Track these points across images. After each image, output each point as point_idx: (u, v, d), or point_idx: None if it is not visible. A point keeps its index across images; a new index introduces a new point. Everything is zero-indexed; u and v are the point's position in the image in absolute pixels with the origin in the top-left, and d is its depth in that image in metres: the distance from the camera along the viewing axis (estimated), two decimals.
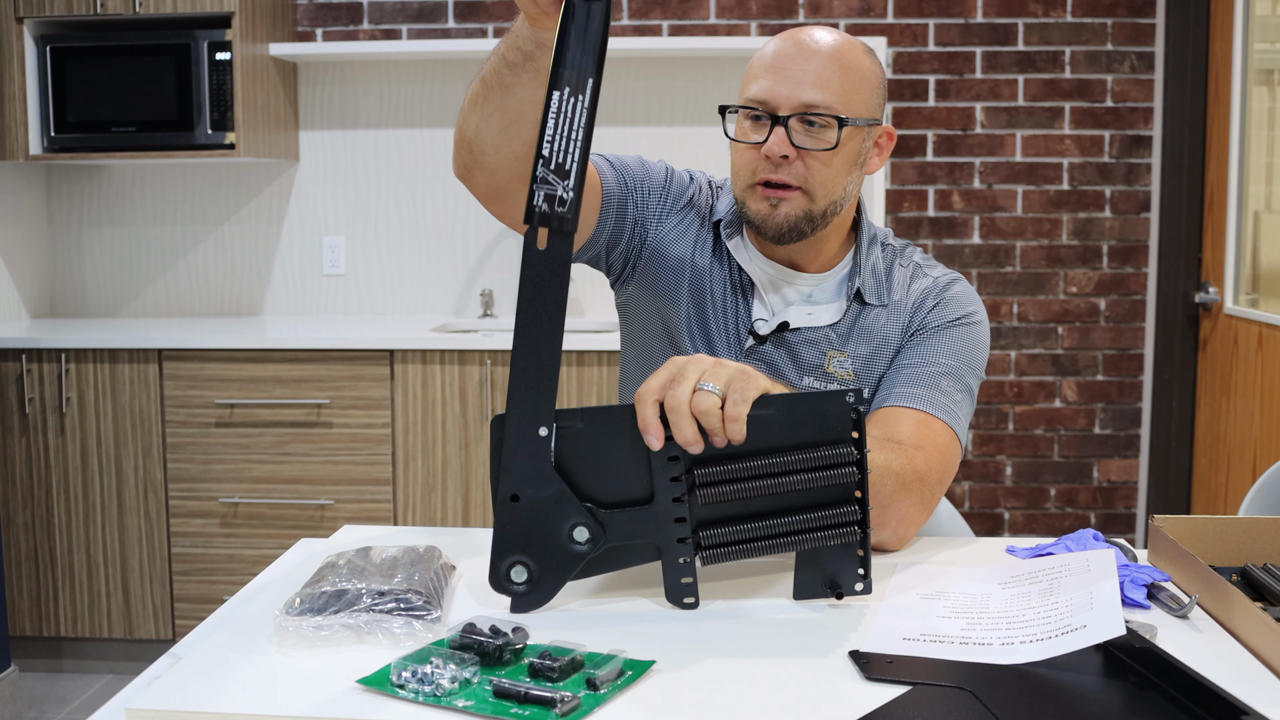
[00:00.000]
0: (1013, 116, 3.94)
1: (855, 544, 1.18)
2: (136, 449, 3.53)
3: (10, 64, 3.65)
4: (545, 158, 1.14)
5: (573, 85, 1.14)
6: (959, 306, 1.63)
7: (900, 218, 3.97)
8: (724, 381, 1.13)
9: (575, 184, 1.14)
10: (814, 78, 1.52)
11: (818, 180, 1.54)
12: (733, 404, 1.12)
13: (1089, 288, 3.98)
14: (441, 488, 3.50)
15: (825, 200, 1.56)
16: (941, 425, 1.51)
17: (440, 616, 1.13)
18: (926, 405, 1.52)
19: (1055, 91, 3.92)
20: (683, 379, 1.13)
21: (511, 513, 1.17)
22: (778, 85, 1.53)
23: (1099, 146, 3.93)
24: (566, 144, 1.14)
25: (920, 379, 1.56)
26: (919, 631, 1.10)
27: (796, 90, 1.52)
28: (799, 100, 1.52)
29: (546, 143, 1.14)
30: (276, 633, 1.10)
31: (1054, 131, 3.93)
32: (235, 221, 4.12)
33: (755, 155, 1.55)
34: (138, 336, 3.53)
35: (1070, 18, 3.89)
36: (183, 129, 3.66)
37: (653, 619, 1.16)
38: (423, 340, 3.46)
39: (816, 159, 1.53)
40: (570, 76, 1.14)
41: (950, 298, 1.64)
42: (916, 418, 1.51)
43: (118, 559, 3.56)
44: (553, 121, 1.14)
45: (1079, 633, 1.02)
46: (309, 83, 4.06)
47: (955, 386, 1.56)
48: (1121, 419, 4.01)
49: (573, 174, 1.14)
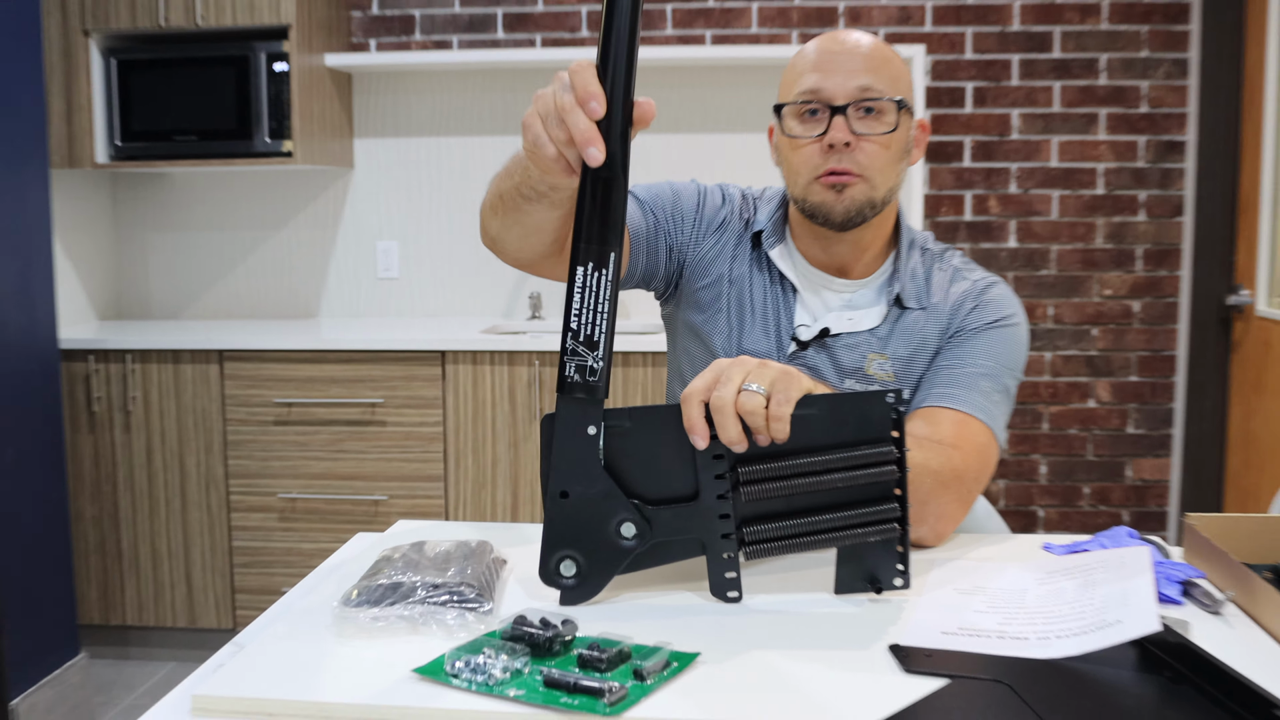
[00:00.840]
0: (1049, 122, 3.91)
1: (895, 540, 1.18)
2: (199, 446, 3.56)
3: (78, 75, 3.69)
4: (574, 330, 1.14)
5: (595, 260, 1.14)
6: (998, 309, 1.62)
7: (938, 222, 3.95)
8: (768, 382, 1.13)
9: (604, 354, 1.14)
10: (864, 65, 1.53)
11: (877, 166, 1.55)
12: (777, 404, 1.12)
13: (1123, 290, 3.94)
14: (491, 484, 3.51)
15: (884, 187, 1.57)
16: (980, 425, 1.50)
17: (492, 609, 1.13)
18: (965, 405, 1.51)
19: (1090, 98, 3.89)
20: (728, 380, 1.13)
21: (561, 509, 1.17)
22: (830, 77, 1.53)
23: (1134, 151, 3.89)
24: (594, 316, 1.14)
25: (959, 379, 1.55)
26: (957, 625, 1.10)
27: (850, 78, 1.52)
28: (854, 86, 1.52)
29: (574, 316, 1.14)
30: (335, 623, 1.11)
31: (1089, 137, 3.90)
32: (292, 226, 4.15)
33: (814, 150, 1.55)
34: (199, 337, 3.56)
35: (1106, 25, 3.86)
36: (242, 137, 3.70)
37: (697, 612, 1.16)
38: (473, 341, 3.47)
39: (876, 144, 1.54)
40: (592, 251, 1.14)
41: (989, 300, 1.62)
42: (955, 417, 1.50)
43: (181, 551, 3.60)
44: (579, 296, 1.14)
45: (1114, 628, 1.01)
46: (363, 92, 4.09)
47: (993, 387, 1.55)
48: (1154, 419, 3.98)
49: (601, 344, 1.14)
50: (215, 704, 0.96)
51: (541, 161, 1.14)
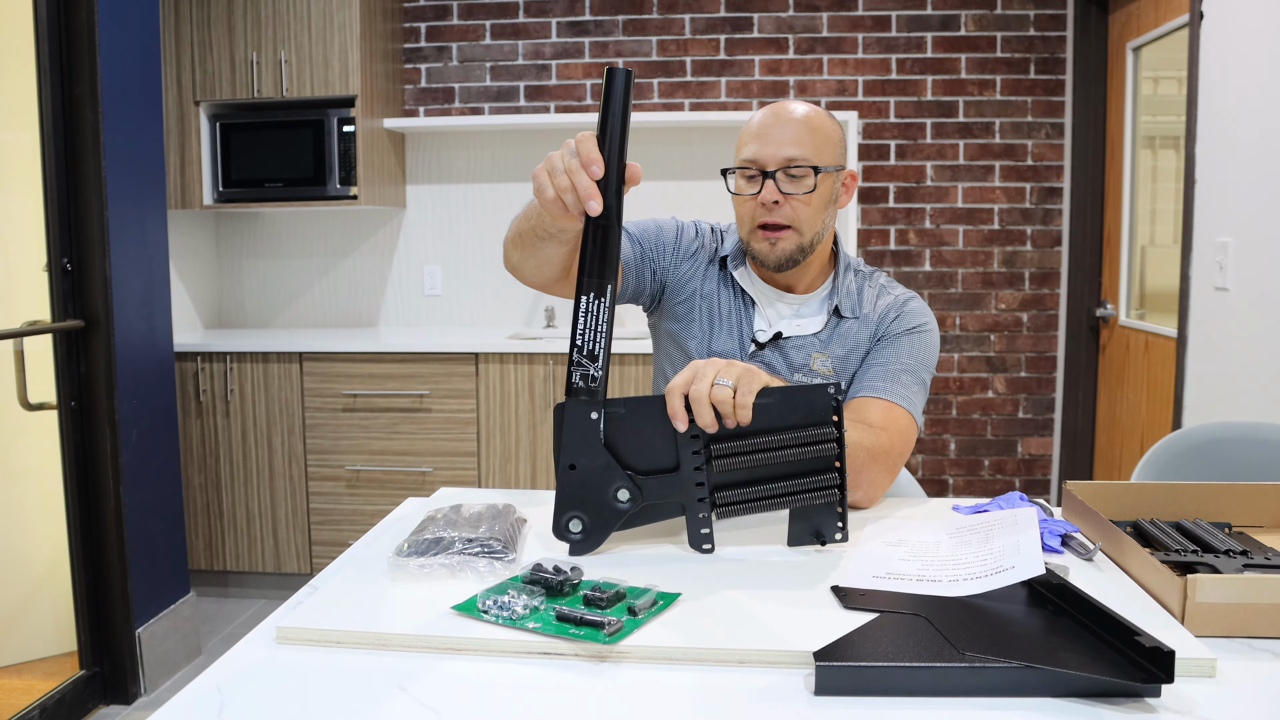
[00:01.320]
0: (955, 172, 3.91)
1: (835, 503, 1.18)
2: (283, 429, 3.55)
3: (190, 136, 3.68)
4: (579, 346, 1.14)
5: (595, 291, 1.14)
6: (915, 318, 1.62)
7: (869, 250, 3.95)
8: (734, 377, 1.13)
9: (604, 364, 1.14)
10: (791, 139, 1.52)
11: (803, 218, 1.54)
12: (742, 394, 1.12)
13: (1014, 305, 3.94)
14: (515, 459, 3.50)
15: (810, 233, 1.56)
16: (902, 411, 1.50)
17: (515, 558, 1.13)
18: (890, 395, 1.51)
19: (987, 153, 3.89)
20: (702, 376, 1.13)
21: (570, 478, 1.17)
22: (763, 148, 1.53)
23: (1022, 195, 3.89)
24: (594, 335, 1.14)
25: (885, 374, 1.55)
26: (885, 571, 1.10)
27: (779, 150, 1.52)
28: (782, 157, 1.52)
29: (579, 335, 1.14)
30: (390, 570, 1.11)
31: (987, 184, 3.90)
32: (357, 254, 4.14)
33: (753, 204, 1.55)
34: (284, 342, 3.55)
35: (999, 96, 3.86)
36: (318, 184, 3.68)
37: (679, 560, 1.16)
38: (500, 345, 3.46)
39: (800, 200, 1.53)
40: (593, 283, 1.14)
41: (907, 311, 1.62)
42: (883, 405, 1.50)
43: (269, 512, 3.58)
44: (583, 319, 1.14)
45: (1009, 572, 1.01)
46: (414, 148, 4.07)
47: (912, 380, 1.55)
48: (1039, 406, 3.98)
49: (600, 357, 1.14)
50: (295, 634, 0.96)
51: (544, 204, 1.15)
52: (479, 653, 0.93)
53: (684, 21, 3.93)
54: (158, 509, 2.95)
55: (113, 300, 2.71)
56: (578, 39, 3.98)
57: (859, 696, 0.84)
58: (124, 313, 2.76)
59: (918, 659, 0.86)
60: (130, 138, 2.80)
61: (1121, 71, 3.55)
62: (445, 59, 4.03)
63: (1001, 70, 3.85)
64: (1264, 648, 0.94)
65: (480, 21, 4.00)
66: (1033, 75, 3.84)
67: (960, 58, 3.86)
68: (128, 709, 2.78)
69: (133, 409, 2.81)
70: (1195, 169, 2.71)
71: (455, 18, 4.01)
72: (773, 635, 0.93)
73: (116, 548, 2.76)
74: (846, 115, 3.70)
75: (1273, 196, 2.38)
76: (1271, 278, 2.39)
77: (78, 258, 2.69)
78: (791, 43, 3.91)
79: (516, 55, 4.00)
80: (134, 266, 2.81)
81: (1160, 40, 3.28)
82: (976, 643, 0.88)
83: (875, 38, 3.88)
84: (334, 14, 3.57)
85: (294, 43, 3.60)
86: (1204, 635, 0.96)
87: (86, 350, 2.72)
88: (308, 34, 3.59)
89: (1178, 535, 1.19)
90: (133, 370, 2.80)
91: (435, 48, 4.03)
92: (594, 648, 0.91)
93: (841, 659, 0.86)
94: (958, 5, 3.84)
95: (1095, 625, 0.91)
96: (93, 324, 2.71)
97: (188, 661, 3.05)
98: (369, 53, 3.67)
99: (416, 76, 4.04)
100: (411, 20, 4.02)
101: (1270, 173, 2.39)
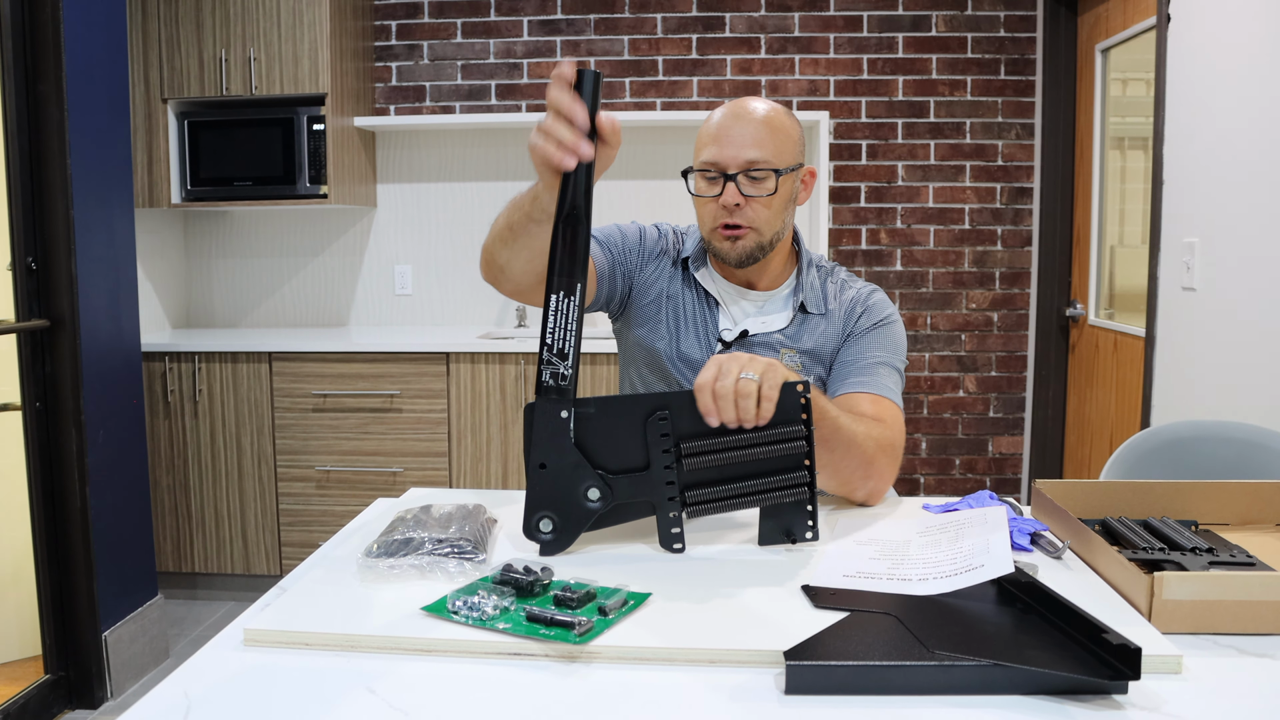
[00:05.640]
0: (926, 172, 3.93)
1: (805, 501, 1.18)
2: (253, 429, 3.52)
3: (157, 134, 3.64)
4: (549, 344, 1.14)
5: (565, 289, 1.14)
6: (879, 311, 1.63)
7: (840, 250, 3.96)
8: (759, 371, 1.13)
9: (573, 361, 1.14)
10: (752, 140, 1.52)
11: (763, 219, 1.55)
12: (768, 388, 1.13)
13: (985, 304, 3.97)
14: (486, 459, 3.49)
15: (770, 233, 1.57)
16: (889, 402, 1.51)
17: (485, 559, 1.13)
18: (875, 389, 1.52)
19: (958, 153, 3.91)
20: (727, 373, 1.13)
21: (540, 478, 1.17)
22: (724, 150, 1.52)
23: (992, 195, 3.92)
24: (564, 333, 1.14)
25: (864, 370, 1.56)
26: (855, 570, 1.10)
27: (740, 152, 1.52)
28: (743, 160, 1.52)
29: (550, 332, 1.14)
30: (359, 571, 1.10)
31: (957, 184, 3.93)
32: (327, 253, 4.11)
33: (714, 205, 1.55)
34: (253, 342, 3.52)
35: (970, 96, 3.89)
36: (287, 183, 3.65)
37: (649, 560, 1.16)
38: (471, 345, 3.45)
39: (760, 203, 1.54)
40: (563, 282, 1.14)
41: (872, 305, 1.64)
42: (871, 399, 1.51)
43: (238, 512, 3.55)
44: (553, 317, 1.14)
45: (978, 570, 1.02)
46: (385, 147, 4.05)
47: (890, 371, 1.56)
48: (1010, 405, 4.01)
49: (570, 355, 1.14)
50: (263, 636, 0.95)
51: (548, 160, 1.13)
52: (449, 654, 0.92)
53: (656, 21, 3.93)
54: (124, 511, 2.92)
55: (79, 299, 2.67)
56: (549, 38, 3.97)
57: (829, 695, 0.84)
58: (90, 312, 2.73)
59: (888, 658, 0.86)
60: (96, 135, 2.77)
61: (1091, 73, 3.59)
62: (416, 57, 4.01)
63: (972, 71, 3.87)
64: (1229, 644, 0.95)
65: (451, 20, 3.99)
66: (1003, 76, 3.86)
67: (931, 58, 3.88)
68: (93, 713, 2.74)
69: (99, 409, 2.77)
70: (1163, 169, 2.73)
71: (426, 16, 3.99)
72: (743, 634, 0.93)
73: (82, 550, 2.73)
74: (818, 115, 3.71)
75: (1239, 197, 2.41)
76: (1238, 278, 2.42)
77: (43, 256, 2.66)
78: (763, 42, 3.92)
79: (488, 54, 3.98)
80: (100, 265, 2.78)
81: (1128, 42, 3.32)
82: (946, 641, 0.89)
83: (847, 38, 3.89)
84: (304, 11, 3.54)
85: (263, 40, 3.57)
86: (1171, 632, 0.97)
87: (52, 350, 2.68)
88: (277, 31, 3.56)
89: (1145, 533, 1.20)
90: (99, 370, 2.77)
91: (406, 46, 4.00)
92: (564, 648, 0.91)
93: (812, 658, 0.86)
94: (929, 6, 3.86)
95: (1064, 623, 0.92)
96: (58, 323, 2.67)
97: (155, 665, 3.02)
98: (339, 51, 3.64)
99: (387, 75, 4.02)
100: (382, 18, 4.00)
101: (1236, 173, 2.41)
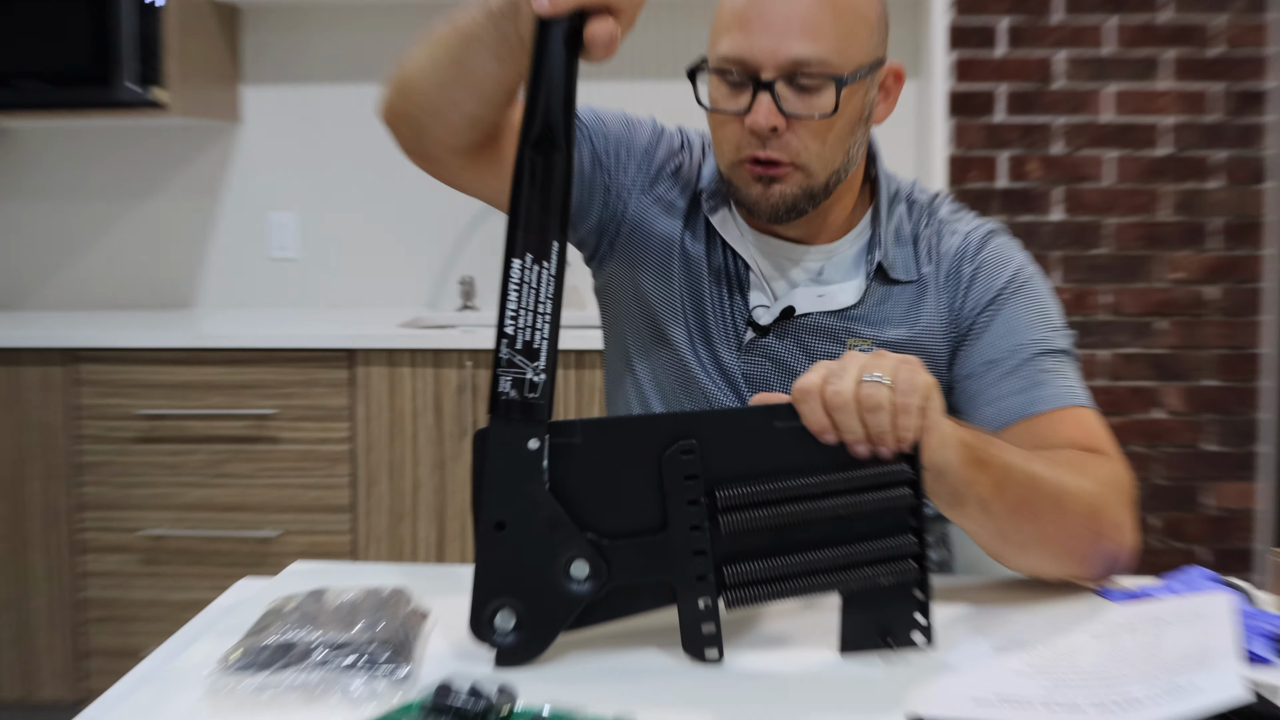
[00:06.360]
0: (1100, 67, 3.93)
1: (913, 583, 1.17)
2: (39, 470, 3.52)
3: None
4: (509, 336, 1.15)
5: (535, 250, 1.15)
6: (1002, 267, 1.60)
7: (965, 189, 3.96)
8: (889, 371, 1.14)
9: (547, 364, 1.15)
10: (800, 24, 1.45)
11: (814, 154, 1.50)
12: (903, 394, 1.13)
13: (1196, 274, 3.97)
14: (412, 516, 3.49)
15: (826, 172, 1.53)
16: (1084, 410, 1.51)
17: (410, 673, 1.13)
18: (1055, 400, 1.50)
19: (1151, 37, 3.91)
20: (843, 373, 1.13)
21: (497, 544, 1.17)
22: (756, 38, 1.46)
23: (1204, 104, 3.92)
24: (533, 319, 1.15)
25: (1021, 374, 1.53)
26: (992, 691, 1.10)
27: (780, 43, 1.45)
28: (785, 57, 1.45)
29: (510, 319, 1.15)
30: (209, 694, 1.10)
31: (1150, 85, 3.92)
32: (164, 195, 4.13)
33: (738, 128, 1.50)
34: (43, 334, 3.53)
35: None
36: (100, 83, 3.64)
37: (668, 675, 1.16)
38: (390, 338, 3.46)
39: (811, 129, 1.49)
40: (531, 240, 1.15)
41: (987, 260, 1.60)
42: (1057, 418, 1.49)
43: (14, 605, 3.55)
44: (515, 294, 1.15)
45: (1191, 695, 1.01)
46: (254, 29, 4.07)
47: (1058, 361, 1.54)
48: (1237, 433, 4.00)
49: (543, 353, 1.15)
50: None
51: None
52: None
53: None
54: None
55: None
56: None
57: None
58: None
59: None
60: None
61: None
62: None
63: None
64: None
65: None
66: None
67: None
68: None
69: None
70: None
71: None
72: None
73: None
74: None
75: None
76: None
77: None
78: None
79: None
80: None
81: None
82: None
83: None
84: None
85: None
86: None
87: None
88: None
89: None
90: None
91: None
92: None
93: None
94: None
95: None
96: None
97: None
98: None
99: None
100: None
101: None
